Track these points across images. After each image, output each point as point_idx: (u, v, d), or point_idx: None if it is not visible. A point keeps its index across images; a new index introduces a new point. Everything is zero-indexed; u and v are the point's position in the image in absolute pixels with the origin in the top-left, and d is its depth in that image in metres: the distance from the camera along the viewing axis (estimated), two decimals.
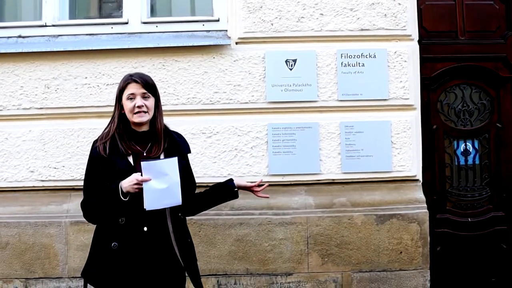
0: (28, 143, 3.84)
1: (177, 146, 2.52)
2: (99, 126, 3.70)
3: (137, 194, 2.28)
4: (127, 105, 2.39)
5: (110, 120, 2.48)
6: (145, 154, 2.41)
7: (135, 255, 2.34)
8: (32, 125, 3.85)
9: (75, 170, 3.82)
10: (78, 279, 3.72)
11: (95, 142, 2.45)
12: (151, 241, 2.36)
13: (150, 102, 2.43)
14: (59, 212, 3.80)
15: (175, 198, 2.35)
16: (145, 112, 2.40)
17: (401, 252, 3.77)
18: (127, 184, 2.27)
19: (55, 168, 3.84)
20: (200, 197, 2.63)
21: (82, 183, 3.67)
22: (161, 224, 2.41)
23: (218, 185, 2.68)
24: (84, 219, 2.48)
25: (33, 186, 3.86)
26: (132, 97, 2.40)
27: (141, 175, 2.26)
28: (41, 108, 3.86)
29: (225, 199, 2.68)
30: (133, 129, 2.45)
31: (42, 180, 3.84)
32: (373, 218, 3.77)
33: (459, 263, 3.99)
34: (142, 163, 2.26)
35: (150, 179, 2.26)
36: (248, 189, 2.65)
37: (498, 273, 4.00)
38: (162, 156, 2.45)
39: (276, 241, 3.75)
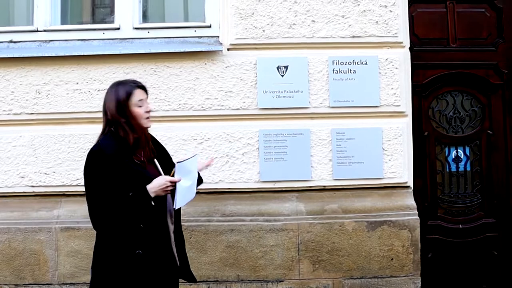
0: (19, 149, 3.83)
1: (158, 145, 2.60)
2: (90, 131, 3.72)
3: (157, 197, 2.32)
4: (139, 111, 2.41)
5: (121, 129, 2.37)
6: (142, 158, 2.44)
7: (158, 260, 2.36)
8: (23, 130, 3.84)
9: (65, 176, 3.81)
10: (68, 285, 3.71)
11: (96, 148, 2.36)
12: (162, 244, 2.40)
13: None
14: (49, 218, 3.77)
15: (193, 192, 2.49)
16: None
17: (392, 259, 3.77)
18: (157, 188, 2.29)
19: (45, 173, 3.82)
20: None
21: (72, 188, 3.76)
22: (164, 225, 2.45)
23: None
24: (74, 226, 2.45)
25: (24, 192, 3.84)
26: (141, 104, 2.43)
27: (172, 176, 2.33)
28: (32, 114, 3.84)
29: None
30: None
31: (33, 186, 3.83)
32: (364, 224, 3.77)
33: (450, 270, 3.99)
34: (176, 164, 2.33)
35: (181, 179, 2.34)
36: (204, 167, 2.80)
37: (489, 279, 4.01)
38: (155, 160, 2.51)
39: (267, 248, 3.74)
